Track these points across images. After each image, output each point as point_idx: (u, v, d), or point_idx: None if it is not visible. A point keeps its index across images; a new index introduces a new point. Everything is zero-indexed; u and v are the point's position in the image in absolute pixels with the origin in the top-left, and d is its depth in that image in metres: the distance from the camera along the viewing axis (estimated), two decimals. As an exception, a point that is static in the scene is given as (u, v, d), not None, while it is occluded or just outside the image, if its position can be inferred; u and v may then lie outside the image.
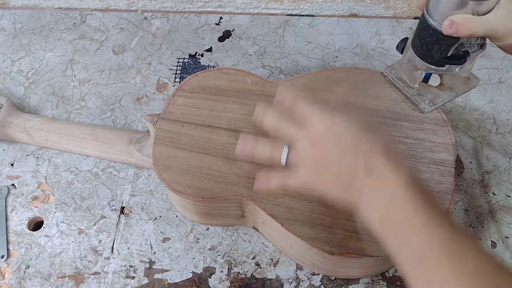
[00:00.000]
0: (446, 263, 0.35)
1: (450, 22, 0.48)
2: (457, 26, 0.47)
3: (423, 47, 0.53)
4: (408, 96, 0.61)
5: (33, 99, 0.79)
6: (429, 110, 0.60)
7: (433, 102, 0.60)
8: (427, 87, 0.61)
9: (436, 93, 0.60)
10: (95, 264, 0.61)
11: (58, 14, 0.93)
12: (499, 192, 0.66)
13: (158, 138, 0.59)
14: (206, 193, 0.55)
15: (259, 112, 0.46)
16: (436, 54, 0.53)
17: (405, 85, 0.61)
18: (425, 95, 0.60)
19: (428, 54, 0.53)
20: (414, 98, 0.60)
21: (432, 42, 0.51)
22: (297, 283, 0.59)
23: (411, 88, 0.61)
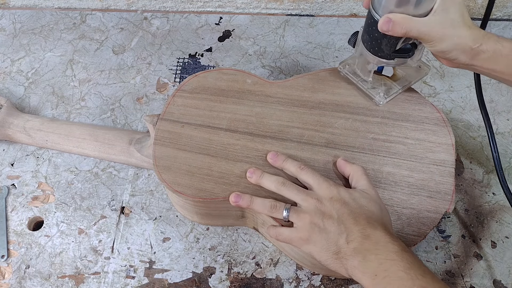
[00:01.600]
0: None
1: (387, 19, 0.49)
2: (393, 24, 0.48)
3: (373, 42, 0.54)
4: (363, 89, 0.62)
5: (33, 99, 0.79)
6: (384, 102, 0.61)
7: (387, 94, 0.61)
8: (381, 79, 0.62)
9: (390, 84, 0.62)
10: (95, 264, 0.61)
11: (58, 14, 0.93)
12: (499, 192, 0.66)
13: (158, 139, 0.59)
14: (206, 193, 0.55)
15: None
16: (386, 48, 0.53)
17: (360, 79, 0.62)
18: (379, 88, 0.61)
19: (378, 49, 0.54)
20: (369, 92, 0.61)
21: (381, 37, 0.52)
22: (297, 283, 0.59)
23: (365, 82, 0.62)
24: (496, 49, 0.48)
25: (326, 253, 0.48)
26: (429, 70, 0.62)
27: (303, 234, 0.50)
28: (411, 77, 0.62)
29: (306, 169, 0.54)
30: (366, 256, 0.45)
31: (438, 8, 0.49)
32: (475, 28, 0.49)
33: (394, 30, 0.49)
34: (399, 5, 0.48)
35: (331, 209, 0.49)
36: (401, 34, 0.49)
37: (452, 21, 0.48)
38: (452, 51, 0.49)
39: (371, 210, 0.49)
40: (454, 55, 0.50)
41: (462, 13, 0.49)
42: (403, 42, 0.53)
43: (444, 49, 0.49)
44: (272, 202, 0.52)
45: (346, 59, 0.64)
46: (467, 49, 0.49)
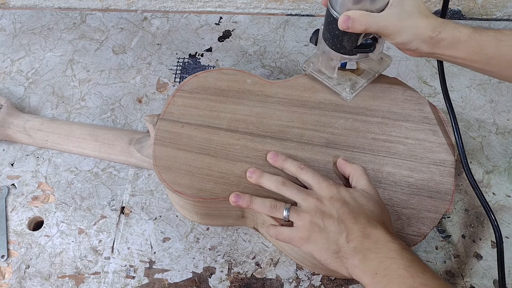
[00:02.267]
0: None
1: (346, 17, 0.49)
2: (352, 22, 0.49)
3: (334, 39, 0.54)
4: (329, 87, 0.62)
5: (33, 99, 0.79)
6: (350, 97, 0.61)
7: (353, 89, 0.61)
8: (346, 75, 0.63)
9: (355, 79, 0.62)
10: (95, 264, 0.61)
11: (58, 14, 0.93)
12: (499, 192, 0.66)
13: (158, 139, 0.59)
14: (206, 193, 0.55)
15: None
16: (347, 45, 0.54)
17: (325, 76, 0.62)
18: (344, 83, 0.62)
19: (340, 46, 0.54)
20: (335, 88, 0.62)
21: (342, 34, 0.52)
22: (297, 283, 0.59)
23: (331, 79, 0.62)
24: (454, 35, 0.49)
25: (326, 253, 0.48)
26: (391, 61, 0.63)
27: (303, 234, 0.50)
28: (375, 69, 0.63)
29: (306, 169, 0.54)
30: (366, 255, 0.45)
31: (394, 2, 0.49)
32: (432, 17, 0.50)
33: (354, 27, 0.49)
34: (356, 2, 0.49)
35: (331, 208, 0.49)
36: (361, 30, 0.50)
37: (409, 13, 0.49)
38: (412, 42, 0.50)
39: (371, 209, 0.49)
40: (415, 45, 0.50)
41: (417, 4, 0.50)
42: (364, 37, 0.53)
43: (404, 40, 0.50)
44: (272, 202, 0.53)
45: (309, 57, 0.64)
46: (426, 39, 0.49)
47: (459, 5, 0.88)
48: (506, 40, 0.48)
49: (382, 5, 0.50)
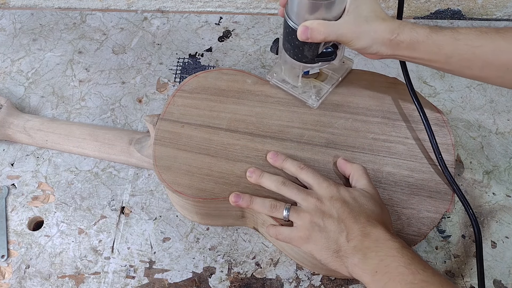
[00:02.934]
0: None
1: (304, 28, 0.49)
2: (310, 32, 0.49)
3: (295, 50, 0.54)
4: (295, 96, 0.62)
5: (33, 99, 0.79)
6: (317, 104, 0.61)
7: (318, 96, 0.61)
8: (310, 82, 0.63)
9: (319, 85, 0.62)
10: (95, 264, 0.61)
11: (58, 14, 0.93)
12: (499, 192, 0.66)
13: (158, 139, 0.59)
14: (206, 193, 0.55)
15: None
16: (309, 54, 0.54)
17: (290, 85, 0.62)
18: (309, 91, 0.62)
19: (301, 55, 0.54)
20: (301, 97, 0.62)
21: (302, 44, 0.52)
22: (297, 283, 0.59)
23: (296, 88, 0.62)
24: (412, 37, 0.49)
25: (327, 252, 0.48)
26: (352, 63, 0.64)
27: (303, 233, 0.50)
28: (338, 73, 0.63)
29: (306, 168, 0.54)
30: (366, 253, 0.45)
31: (350, 8, 0.49)
32: (389, 19, 0.50)
33: (314, 37, 0.49)
34: (313, 11, 0.49)
35: (331, 208, 0.49)
36: (321, 40, 0.49)
37: (366, 18, 0.49)
38: (372, 46, 0.50)
39: (371, 209, 0.49)
40: (375, 49, 0.50)
41: (374, 8, 0.50)
42: (324, 45, 0.53)
43: (364, 45, 0.50)
44: (272, 202, 0.53)
45: (272, 68, 0.64)
46: (385, 42, 0.49)
47: (459, 5, 0.88)
48: (462, 39, 0.48)
49: (338, 13, 0.50)
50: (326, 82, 0.62)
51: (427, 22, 0.88)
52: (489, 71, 0.48)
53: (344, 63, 0.64)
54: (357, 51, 0.52)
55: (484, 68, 0.48)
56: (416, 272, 0.42)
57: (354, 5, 0.49)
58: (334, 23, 0.49)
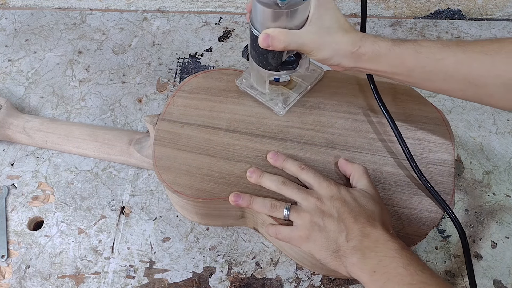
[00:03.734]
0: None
1: (265, 35, 0.49)
2: (271, 40, 0.48)
3: (260, 57, 0.54)
4: (262, 102, 0.62)
5: (33, 99, 0.79)
6: (283, 112, 0.61)
7: (285, 103, 0.61)
8: (278, 90, 0.62)
9: (287, 93, 0.62)
10: (95, 264, 0.61)
11: (58, 14, 0.93)
12: (499, 192, 0.66)
13: (158, 139, 0.59)
14: (206, 194, 0.55)
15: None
16: (272, 61, 0.53)
17: (258, 92, 0.62)
18: (277, 98, 0.61)
19: (266, 62, 0.54)
20: (268, 104, 0.61)
21: (265, 51, 0.52)
22: (297, 283, 0.59)
23: (264, 94, 0.62)
24: (374, 50, 0.48)
25: (326, 252, 0.48)
26: (322, 72, 0.63)
27: (303, 233, 0.50)
28: (307, 81, 0.63)
29: (307, 168, 0.54)
30: (365, 253, 0.45)
31: (313, 18, 0.49)
32: (352, 32, 0.50)
33: (274, 45, 0.49)
34: (274, 19, 0.48)
35: (331, 208, 0.49)
36: (281, 48, 0.49)
37: (328, 29, 0.49)
38: (333, 57, 0.50)
39: (371, 209, 0.49)
40: (336, 61, 0.50)
41: (337, 18, 0.49)
42: (287, 54, 0.53)
43: (325, 56, 0.50)
44: (273, 202, 0.53)
45: (242, 73, 0.64)
46: (347, 54, 0.49)
47: (459, 5, 0.88)
48: (424, 52, 0.47)
49: (301, 22, 0.49)
50: (295, 90, 0.62)
51: (427, 22, 0.88)
52: (451, 84, 0.48)
53: (314, 71, 0.64)
54: (319, 62, 0.52)
55: (445, 81, 0.48)
56: (415, 273, 0.43)
57: (317, 15, 0.49)
58: (295, 32, 0.49)
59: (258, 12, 0.49)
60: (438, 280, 0.43)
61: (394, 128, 0.56)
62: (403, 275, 0.43)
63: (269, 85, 0.60)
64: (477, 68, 0.45)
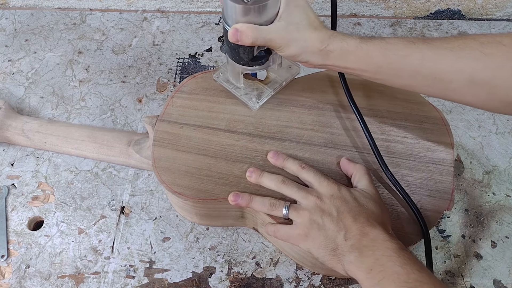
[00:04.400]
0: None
1: (234, 30, 0.49)
2: (240, 34, 0.49)
3: (232, 51, 0.54)
4: (237, 96, 0.62)
5: (33, 99, 0.79)
6: (257, 107, 0.61)
7: (259, 98, 0.62)
8: (253, 84, 0.63)
9: (261, 88, 0.63)
10: (95, 263, 0.61)
11: (58, 14, 0.93)
12: (499, 192, 0.66)
13: (157, 140, 0.59)
14: (206, 194, 0.55)
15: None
16: (244, 56, 0.54)
17: (233, 86, 0.63)
18: (251, 93, 0.62)
19: (238, 57, 0.54)
20: (242, 98, 0.62)
21: (237, 46, 0.52)
22: (297, 283, 0.59)
23: (239, 88, 0.62)
24: (342, 47, 0.49)
25: (324, 250, 0.48)
26: (299, 69, 0.64)
27: (302, 231, 0.50)
28: (282, 78, 0.63)
29: (307, 167, 0.54)
30: (363, 252, 0.46)
31: (282, 14, 0.49)
32: (322, 29, 0.50)
33: (242, 40, 0.49)
34: (244, 15, 0.49)
35: (331, 206, 0.49)
36: (249, 43, 0.49)
37: (297, 25, 0.49)
38: (301, 54, 0.50)
39: (371, 209, 0.49)
40: (305, 58, 0.50)
41: (307, 15, 0.49)
42: (258, 49, 0.53)
43: (293, 53, 0.50)
44: (272, 200, 0.53)
45: (219, 67, 0.65)
46: (315, 51, 0.49)
47: (459, 5, 0.88)
48: (391, 49, 0.48)
49: (270, 17, 0.49)
50: (269, 86, 0.63)
51: (427, 22, 0.88)
52: (418, 80, 0.48)
53: (290, 67, 0.64)
54: (288, 58, 0.52)
55: (412, 77, 0.48)
56: (411, 272, 0.43)
57: (287, 12, 0.49)
58: (263, 28, 0.49)
59: (228, 8, 0.50)
60: (434, 280, 0.43)
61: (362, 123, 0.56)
62: (399, 273, 0.43)
63: (245, 79, 0.61)
64: (442, 64, 0.46)
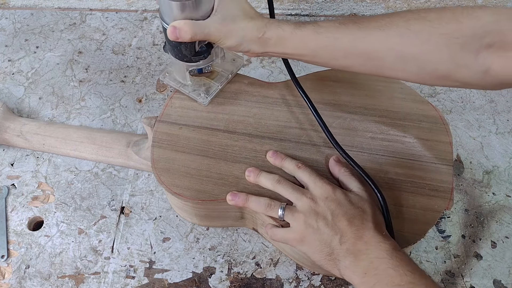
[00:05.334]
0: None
1: (173, 28, 0.49)
2: (179, 31, 0.49)
3: (174, 49, 0.54)
4: (186, 94, 0.63)
5: (33, 99, 0.79)
6: (207, 102, 0.62)
7: (207, 93, 0.62)
8: (200, 80, 0.63)
9: (209, 83, 0.63)
10: (95, 264, 0.62)
11: (58, 14, 0.93)
12: (499, 192, 0.66)
13: (156, 141, 0.59)
14: (206, 195, 0.55)
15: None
16: (187, 53, 0.54)
17: (181, 84, 0.63)
18: (199, 89, 0.62)
19: (181, 54, 0.54)
20: (191, 95, 0.62)
21: (178, 43, 0.52)
22: (297, 283, 0.59)
23: (186, 86, 0.63)
24: (278, 34, 0.50)
25: (319, 254, 0.48)
26: (243, 61, 0.65)
27: (298, 235, 0.50)
28: (228, 71, 0.64)
29: (304, 167, 0.54)
30: (357, 256, 0.46)
31: (218, 7, 0.50)
32: (258, 18, 0.51)
33: (182, 37, 0.49)
34: (180, 11, 0.49)
35: (326, 209, 0.49)
36: (189, 39, 0.50)
37: (233, 16, 0.50)
38: (242, 44, 0.50)
39: (365, 210, 0.49)
40: (246, 47, 0.51)
41: (242, 6, 0.50)
42: (199, 44, 0.53)
43: (233, 44, 0.50)
44: (268, 201, 0.53)
45: (165, 68, 0.64)
46: (254, 39, 0.50)
47: (459, 5, 0.87)
48: (323, 32, 0.49)
49: (206, 12, 0.50)
50: (216, 80, 0.63)
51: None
52: (352, 60, 0.50)
53: (234, 60, 0.65)
54: (230, 50, 0.53)
55: (346, 58, 0.50)
56: (404, 274, 0.43)
57: (222, 5, 0.50)
58: (201, 23, 0.49)
59: (164, 6, 0.50)
60: (427, 281, 0.43)
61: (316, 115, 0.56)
62: (392, 276, 0.43)
63: (191, 76, 0.61)
64: (372, 43, 0.47)
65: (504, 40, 0.42)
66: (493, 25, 0.43)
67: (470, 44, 0.43)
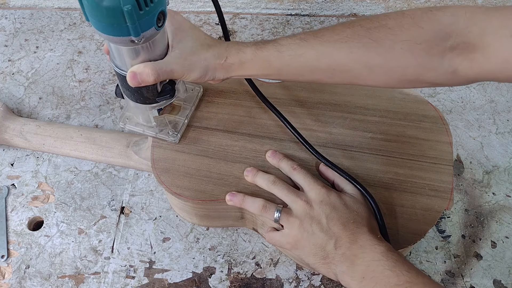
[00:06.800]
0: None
1: (132, 74, 0.46)
2: (140, 77, 0.46)
3: (134, 94, 0.51)
4: (154, 136, 0.60)
5: (33, 99, 0.79)
6: (177, 139, 0.59)
7: (176, 130, 0.59)
8: (164, 119, 0.59)
9: (174, 120, 0.60)
10: (95, 264, 0.61)
11: (58, 14, 0.93)
12: (499, 192, 0.66)
13: (156, 141, 0.59)
14: (205, 195, 0.55)
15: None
16: (149, 95, 0.51)
17: (145, 127, 0.60)
18: (166, 128, 0.59)
19: (143, 98, 0.51)
20: (159, 136, 0.59)
21: (139, 88, 0.49)
22: (297, 283, 0.59)
23: (152, 128, 0.60)
24: (240, 58, 0.49)
25: (314, 258, 0.49)
26: (201, 89, 0.63)
27: (292, 239, 0.50)
28: (189, 102, 0.62)
29: (299, 169, 0.54)
30: (354, 261, 0.46)
31: (173, 43, 0.48)
32: (216, 44, 0.50)
33: (144, 81, 0.47)
34: (135, 56, 0.46)
35: (320, 213, 0.49)
36: (152, 81, 0.47)
37: (191, 48, 0.48)
38: (206, 74, 0.49)
39: (360, 213, 0.50)
40: (211, 76, 0.50)
41: (197, 37, 0.49)
42: (161, 84, 0.51)
43: (197, 76, 0.49)
44: (263, 202, 0.52)
45: (122, 114, 0.61)
46: (217, 67, 0.49)
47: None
48: (285, 50, 0.48)
49: (163, 50, 0.48)
50: (181, 114, 0.61)
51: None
52: (319, 75, 0.49)
53: (192, 90, 0.63)
54: (196, 82, 0.51)
55: (313, 73, 0.49)
56: (401, 274, 0.43)
57: (177, 40, 0.48)
58: (161, 62, 0.47)
59: (117, 52, 0.47)
60: (424, 278, 0.44)
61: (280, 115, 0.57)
62: (390, 277, 0.43)
63: (154, 117, 0.58)
64: (337, 57, 0.47)
65: (466, 41, 0.42)
66: (453, 27, 0.43)
67: (434, 48, 0.43)
